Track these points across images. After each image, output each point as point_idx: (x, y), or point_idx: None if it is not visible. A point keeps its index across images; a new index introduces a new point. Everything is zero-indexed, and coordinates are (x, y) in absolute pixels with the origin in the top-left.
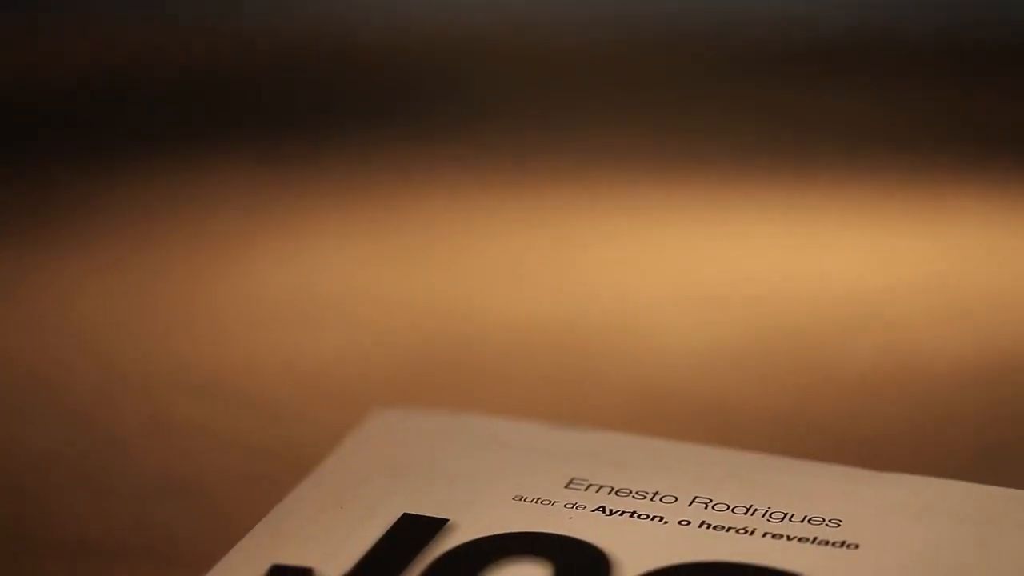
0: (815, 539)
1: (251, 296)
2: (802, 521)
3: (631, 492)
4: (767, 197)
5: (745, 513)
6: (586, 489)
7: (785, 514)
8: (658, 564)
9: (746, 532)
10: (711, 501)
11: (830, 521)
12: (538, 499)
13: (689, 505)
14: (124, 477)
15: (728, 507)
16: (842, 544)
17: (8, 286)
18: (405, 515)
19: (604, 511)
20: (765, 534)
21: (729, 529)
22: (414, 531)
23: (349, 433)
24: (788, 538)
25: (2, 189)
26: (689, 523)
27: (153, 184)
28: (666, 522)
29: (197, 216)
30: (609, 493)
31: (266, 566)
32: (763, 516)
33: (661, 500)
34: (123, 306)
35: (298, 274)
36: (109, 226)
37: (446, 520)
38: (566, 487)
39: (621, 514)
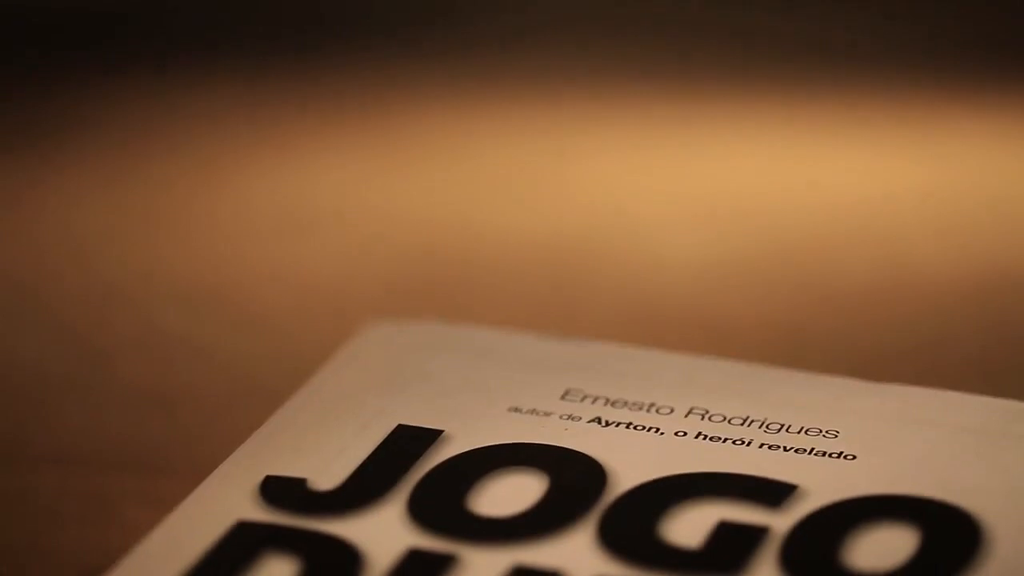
0: (812, 450)
1: (245, 210)
2: (799, 432)
3: (627, 403)
4: (765, 112)
5: (742, 424)
6: (582, 400)
7: (782, 425)
8: (654, 475)
9: (743, 443)
10: (708, 412)
11: (827, 432)
12: (533, 410)
13: (686, 416)
14: (116, 389)
15: (725, 418)
16: (839, 455)
17: (4, 199)
18: (399, 426)
19: (600, 422)
20: (762, 445)
21: (726, 440)
22: (408, 442)
23: (343, 345)
24: (785, 449)
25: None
26: (686, 434)
27: (148, 99)
28: (662, 433)
29: (193, 131)
30: (605, 404)
31: (259, 477)
32: (760, 427)
33: (657, 411)
34: (118, 220)
35: (293, 188)
36: (105, 141)
37: (441, 431)
38: (562, 398)
39: (617, 425)
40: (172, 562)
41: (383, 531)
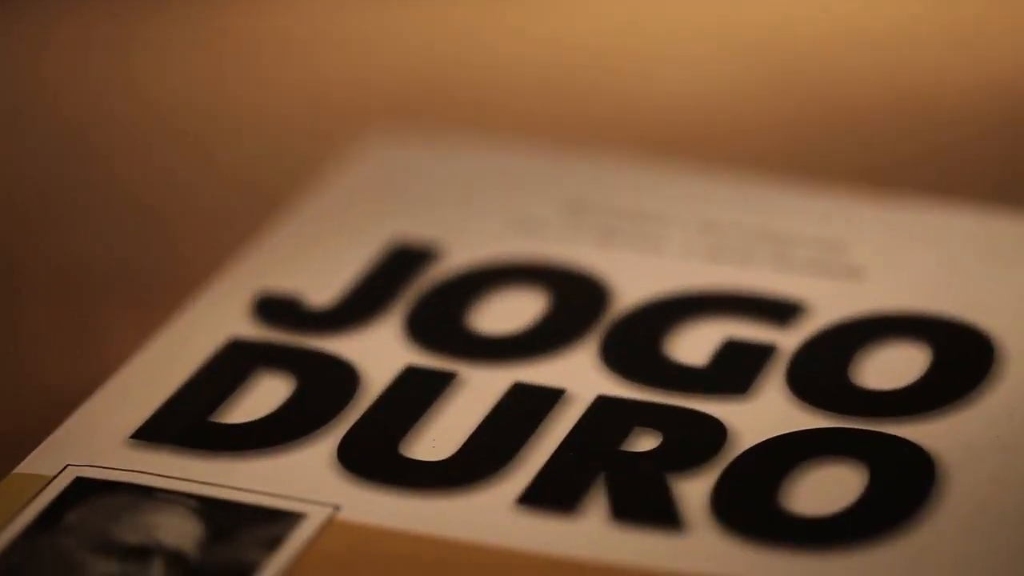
0: (820, 267)
1: (247, 30)
2: (807, 248)
3: (631, 219)
4: None
5: (748, 240)
6: (585, 215)
7: (790, 241)
8: (658, 291)
9: (749, 260)
10: (713, 228)
11: (836, 248)
12: (535, 225)
13: (691, 231)
14: (110, 201)
15: (731, 234)
16: (848, 272)
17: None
18: (397, 241)
19: (603, 238)
20: (769, 261)
21: (732, 257)
22: (406, 258)
23: (339, 158)
24: (792, 266)
25: None
26: (690, 250)
27: None
28: (667, 249)
29: None
30: (609, 219)
31: (252, 294)
32: (767, 243)
33: (662, 226)
34: (118, 31)
35: (295, 8)
36: None
37: (439, 247)
38: (564, 213)
39: (621, 241)
40: (163, 380)
41: (380, 349)
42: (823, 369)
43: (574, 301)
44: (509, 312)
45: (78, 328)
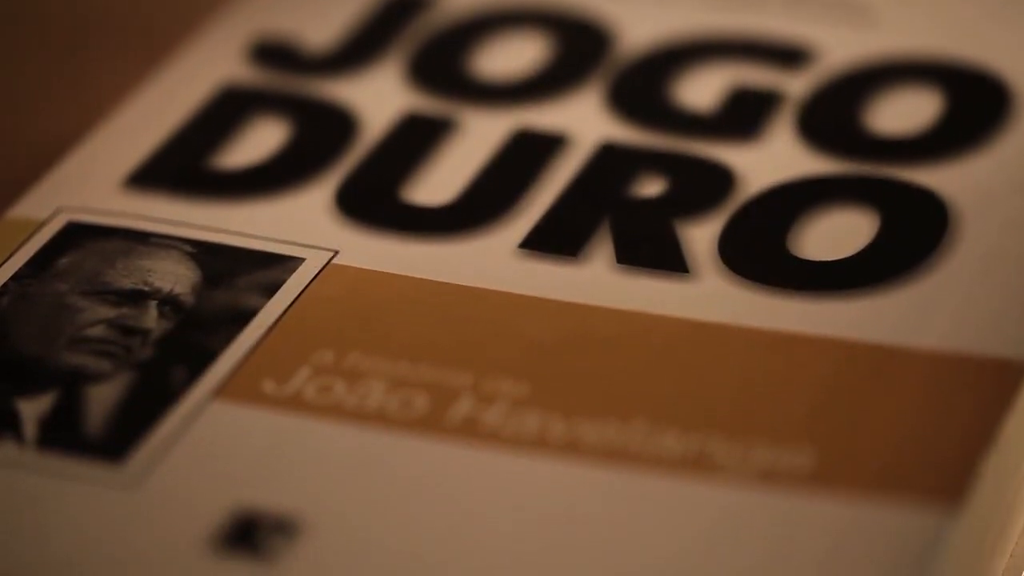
0: (830, 9)
1: None
2: None
3: None
4: None
5: None
6: None
7: None
8: (664, 34)
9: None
10: None
11: None
12: None
13: None
14: None
15: None
16: (858, 14)
17: None
18: None
19: None
20: (777, 2)
21: None
22: (403, 1)
23: None
24: (801, 8)
25: None
26: None
27: None
28: None
29: None
30: None
31: (248, 36)
32: None
33: None
34: None
35: None
36: None
37: None
38: None
39: None
40: (157, 125)
41: (379, 93)
42: (834, 114)
43: (577, 44)
44: (511, 56)
45: (72, 73)
